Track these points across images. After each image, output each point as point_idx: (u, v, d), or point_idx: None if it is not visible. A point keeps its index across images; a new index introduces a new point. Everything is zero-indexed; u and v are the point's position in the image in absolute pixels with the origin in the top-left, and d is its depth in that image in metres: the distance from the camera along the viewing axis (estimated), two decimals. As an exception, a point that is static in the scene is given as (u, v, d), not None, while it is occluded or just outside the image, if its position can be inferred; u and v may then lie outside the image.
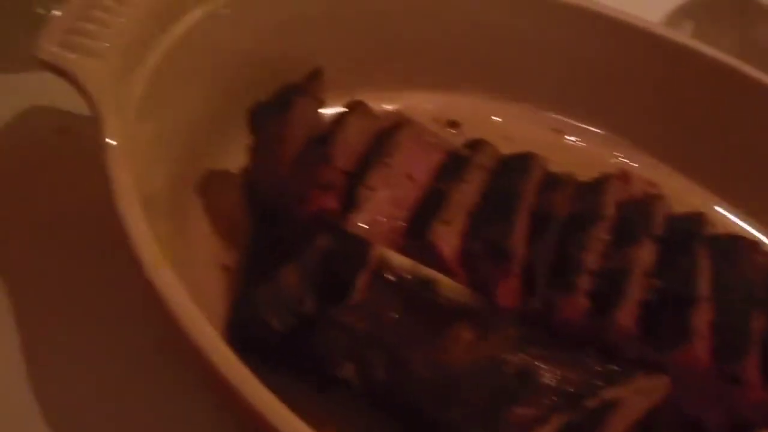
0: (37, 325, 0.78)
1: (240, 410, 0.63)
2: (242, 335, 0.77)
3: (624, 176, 1.00)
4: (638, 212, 0.88)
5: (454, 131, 1.04)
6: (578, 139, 1.08)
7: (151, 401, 0.75)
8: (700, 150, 1.06)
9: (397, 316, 0.73)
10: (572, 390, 0.76)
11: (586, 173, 0.94)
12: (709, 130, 1.06)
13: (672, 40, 1.06)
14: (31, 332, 0.77)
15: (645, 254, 0.84)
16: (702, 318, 0.81)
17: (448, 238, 0.81)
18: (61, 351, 0.77)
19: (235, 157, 0.88)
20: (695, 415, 0.82)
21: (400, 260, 0.74)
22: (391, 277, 0.73)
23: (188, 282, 0.76)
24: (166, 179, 0.81)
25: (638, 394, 0.78)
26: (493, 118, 1.07)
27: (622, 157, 1.07)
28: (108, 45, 0.76)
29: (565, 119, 1.08)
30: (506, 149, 0.94)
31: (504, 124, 1.06)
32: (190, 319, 0.64)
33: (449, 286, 0.75)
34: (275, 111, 0.83)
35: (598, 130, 1.08)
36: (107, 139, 0.69)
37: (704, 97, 1.06)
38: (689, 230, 0.88)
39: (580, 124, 1.08)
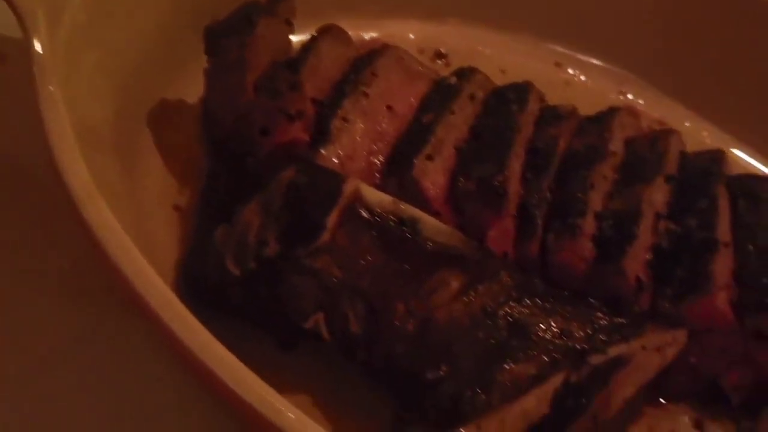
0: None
1: (187, 363, 0.56)
2: (197, 282, 0.70)
3: (632, 113, 0.93)
4: (650, 148, 0.81)
5: (441, 63, 0.96)
6: (581, 73, 1.00)
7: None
8: (715, 86, 0.99)
9: (375, 260, 0.66)
10: (574, 345, 0.69)
11: (590, 110, 0.86)
12: (725, 63, 0.98)
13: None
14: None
15: (657, 194, 0.77)
16: (723, 265, 0.74)
17: (432, 174, 0.74)
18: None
19: (191, 85, 0.80)
20: (713, 375, 0.76)
21: (378, 196, 0.67)
22: (367, 216, 0.66)
23: (135, 223, 0.70)
24: (112, 110, 0.73)
25: (649, 351, 0.71)
26: (486, 49, 0.99)
27: (630, 94, 0.99)
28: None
29: (567, 51, 1.00)
30: (501, 84, 0.86)
31: (498, 56, 0.98)
32: (127, 260, 0.57)
33: (434, 226, 0.67)
34: (236, 31, 0.75)
35: (603, 64, 1.00)
36: (35, 48, 0.61)
37: (720, 28, 0.98)
38: (707, 169, 0.81)
39: (583, 57, 1.01)
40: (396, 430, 0.69)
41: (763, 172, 0.93)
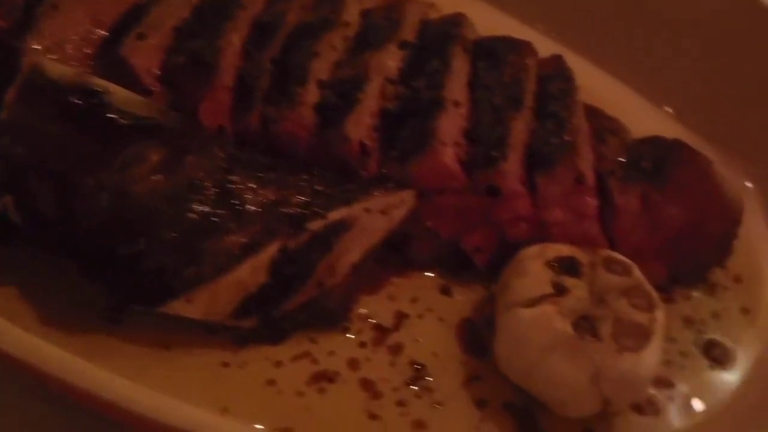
0: None
1: None
2: None
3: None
4: (384, 17, 0.81)
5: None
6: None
7: None
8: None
9: (60, 135, 0.64)
10: (291, 212, 0.69)
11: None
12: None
13: None
14: None
15: (388, 60, 0.77)
16: (449, 123, 0.74)
17: (143, 52, 0.73)
18: None
19: None
20: (453, 239, 0.76)
21: (59, 69, 0.65)
22: (48, 89, 0.64)
23: None
24: None
25: (374, 213, 0.71)
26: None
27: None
28: None
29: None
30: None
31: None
32: None
33: (125, 97, 0.66)
34: None
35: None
36: None
37: None
38: (445, 33, 0.80)
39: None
40: (108, 315, 0.69)
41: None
